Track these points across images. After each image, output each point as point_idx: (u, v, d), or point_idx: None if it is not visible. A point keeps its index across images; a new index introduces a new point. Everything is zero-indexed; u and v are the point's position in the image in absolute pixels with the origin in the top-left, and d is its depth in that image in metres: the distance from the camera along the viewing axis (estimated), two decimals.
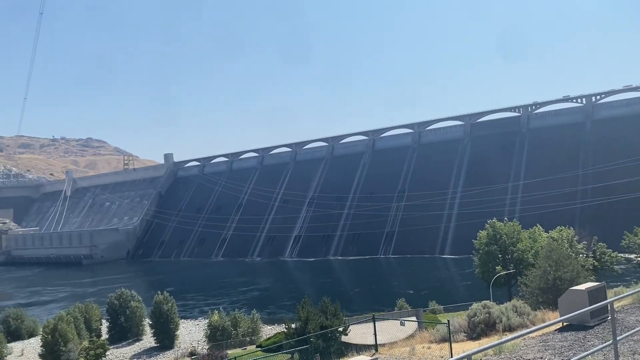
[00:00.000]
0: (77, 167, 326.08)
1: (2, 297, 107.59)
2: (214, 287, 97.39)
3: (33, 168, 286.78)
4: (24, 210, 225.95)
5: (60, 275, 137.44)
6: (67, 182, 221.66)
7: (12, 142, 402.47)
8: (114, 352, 52.97)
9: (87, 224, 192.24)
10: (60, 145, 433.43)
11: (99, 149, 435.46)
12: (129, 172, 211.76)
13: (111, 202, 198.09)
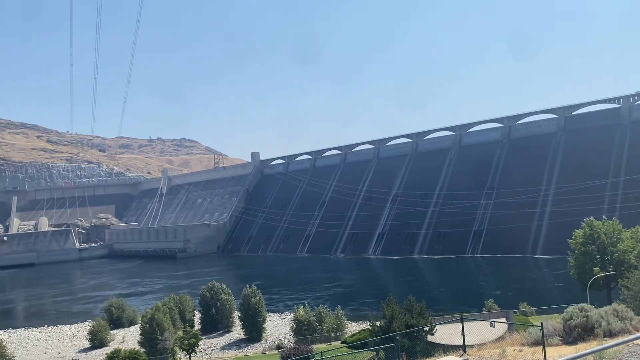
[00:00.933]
0: (171, 165, 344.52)
1: (105, 287, 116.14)
2: (298, 282, 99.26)
3: (132, 167, 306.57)
4: (124, 206, 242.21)
5: (157, 267, 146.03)
6: (162, 180, 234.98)
7: (114, 143, 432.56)
8: (205, 342, 55.41)
9: (181, 220, 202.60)
10: (157, 146, 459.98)
11: (191, 148, 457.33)
12: (219, 170, 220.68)
13: (203, 198, 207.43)
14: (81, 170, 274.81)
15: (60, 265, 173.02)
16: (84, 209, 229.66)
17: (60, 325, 74.66)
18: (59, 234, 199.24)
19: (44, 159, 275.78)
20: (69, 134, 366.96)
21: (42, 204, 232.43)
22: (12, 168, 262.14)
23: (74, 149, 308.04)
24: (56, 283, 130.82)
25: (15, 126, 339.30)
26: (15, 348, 59.02)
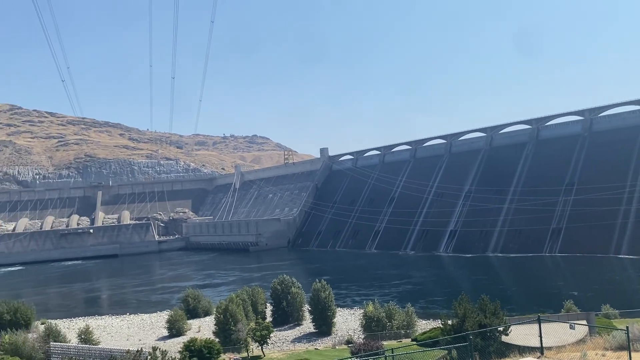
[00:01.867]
0: (244, 161, 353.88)
1: (182, 279, 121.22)
2: (367, 278, 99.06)
3: (207, 163, 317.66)
4: (200, 200, 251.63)
5: (230, 260, 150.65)
6: (236, 176, 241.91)
7: (190, 140, 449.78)
8: (277, 334, 56.52)
9: (253, 214, 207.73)
10: (230, 142, 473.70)
11: (262, 145, 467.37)
12: (288, 166, 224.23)
13: (273, 194, 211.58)
14: (160, 167, 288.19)
15: (141, 257, 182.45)
16: (162, 203, 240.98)
17: (141, 313, 78.58)
18: (140, 227, 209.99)
19: (126, 156, 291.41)
20: (148, 132, 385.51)
21: (125, 198, 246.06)
22: (98, 164, 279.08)
23: (154, 146, 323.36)
24: (137, 274, 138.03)
25: (100, 125, 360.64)
26: (100, 334, 62.83)
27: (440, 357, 29.17)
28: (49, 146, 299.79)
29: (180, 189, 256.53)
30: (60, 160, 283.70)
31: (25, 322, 65.01)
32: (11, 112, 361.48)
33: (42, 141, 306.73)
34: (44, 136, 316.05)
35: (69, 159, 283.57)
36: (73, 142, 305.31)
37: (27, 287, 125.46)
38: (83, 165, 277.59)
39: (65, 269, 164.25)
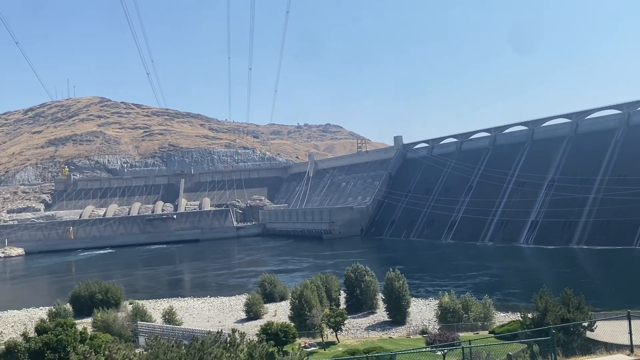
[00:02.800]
0: (317, 150, 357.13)
1: (259, 264, 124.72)
2: (442, 268, 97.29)
3: (282, 152, 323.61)
4: (275, 188, 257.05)
5: (304, 247, 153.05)
6: (309, 165, 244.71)
7: (266, 129, 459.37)
8: (351, 321, 56.92)
9: (327, 202, 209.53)
10: (304, 131, 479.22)
11: (336, 133, 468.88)
12: (361, 155, 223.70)
13: (346, 182, 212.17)
14: (238, 155, 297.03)
15: (220, 242, 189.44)
16: (240, 191, 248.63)
17: (221, 296, 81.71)
18: (220, 213, 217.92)
19: (206, 145, 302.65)
20: (227, 122, 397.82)
21: (205, 185, 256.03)
22: (180, 153, 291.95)
23: (232, 136, 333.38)
24: (217, 258, 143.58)
25: (182, 116, 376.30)
26: (183, 315, 66.06)
27: (519, 350, 28.25)
28: (135, 136, 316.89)
29: (256, 177, 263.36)
30: (145, 150, 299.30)
31: (115, 301, 69.59)
32: (101, 104, 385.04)
33: (129, 131, 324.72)
34: (131, 127, 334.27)
35: (154, 149, 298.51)
36: (157, 132, 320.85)
37: (117, 269, 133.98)
38: (167, 155, 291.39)
39: (151, 253, 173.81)
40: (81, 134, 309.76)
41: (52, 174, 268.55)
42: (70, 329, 34.46)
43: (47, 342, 32.28)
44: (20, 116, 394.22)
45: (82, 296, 71.41)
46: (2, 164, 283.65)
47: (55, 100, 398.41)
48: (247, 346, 24.91)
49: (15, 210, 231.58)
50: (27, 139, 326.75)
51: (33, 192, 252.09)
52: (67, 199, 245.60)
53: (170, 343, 23.97)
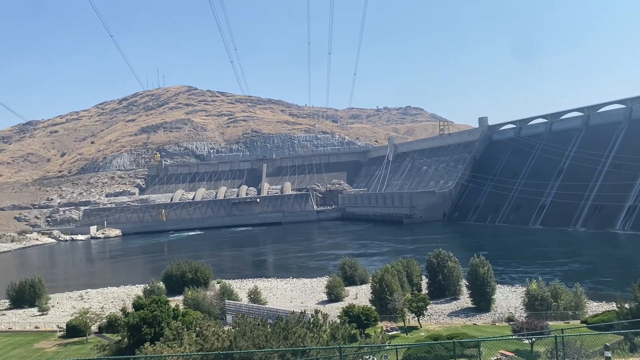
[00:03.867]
0: (397, 133, 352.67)
1: (338, 247, 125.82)
2: (529, 255, 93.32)
3: (361, 136, 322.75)
4: (354, 173, 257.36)
5: (384, 231, 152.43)
6: (389, 148, 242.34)
7: (345, 114, 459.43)
8: (433, 307, 56.18)
9: (407, 187, 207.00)
10: (383, 115, 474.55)
11: (416, 116, 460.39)
12: (444, 137, 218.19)
13: (428, 166, 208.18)
14: (317, 140, 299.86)
15: (301, 225, 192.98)
16: (320, 175, 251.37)
17: (302, 278, 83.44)
18: (300, 197, 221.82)
19: (286, 131, 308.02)
20: (307, 107, 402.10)
21: (286, 170, 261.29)
22: (262, 139, 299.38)
23: (311, 121, 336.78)
24: (298, 241, 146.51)
25: (264, 102, 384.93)
26: (267, 295, 68.20)
27: (616, 342, 26.61)
28: (220, 123, 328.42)
29: (335, 161, 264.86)
30: (230, 136, 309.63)
31: (204, 280, 73.12)
32: (189, 93, 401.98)
33: (215, 119, 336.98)
34: (216, 114, 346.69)
35: (238, 135, 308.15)
36: (241, 118, 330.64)
37: (205, 250, 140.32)
38: (250, 140, 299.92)
39: (236, 235, 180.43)
40: (171, 121, 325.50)
41: (145, 159, 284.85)
42: (164, 305, 36.63)
43: (143, 317, 34.53)
44: (115, 105, 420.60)
45: (174, 275, 75.61)
46: (100, 150, 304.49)
47: (147, 90, 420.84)
48: (329, 327, 25.30)
49: (113, 194, 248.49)
50: (122, 127, 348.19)
51: (128, 177, 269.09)
52: (159, 184, 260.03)
53: (256, 321, 24.85)
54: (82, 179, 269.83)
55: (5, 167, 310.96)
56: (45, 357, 43.05)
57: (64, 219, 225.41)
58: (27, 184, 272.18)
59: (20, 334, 53.68)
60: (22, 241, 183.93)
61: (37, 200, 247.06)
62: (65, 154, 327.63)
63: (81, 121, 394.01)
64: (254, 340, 22.21)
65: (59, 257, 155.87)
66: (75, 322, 50.33)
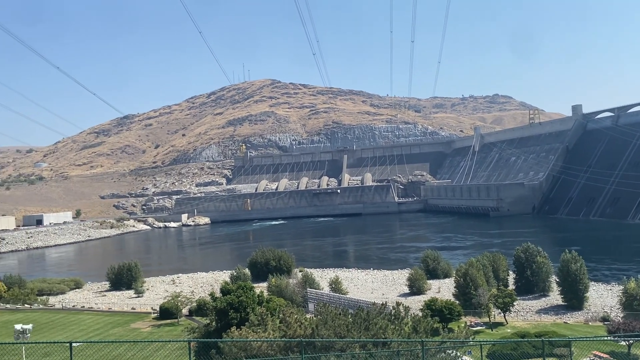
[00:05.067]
0: (484, 123, 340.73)
1: (420, 239, 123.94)
2: (626, 251, 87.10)
3: (445, 126, 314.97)
4: (437, 164, 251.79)
5: (468, 224, 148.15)
6: (475, 138, 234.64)
7: (428, 103, 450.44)
8: (520, 303, 54.04)
9: (493, 179, 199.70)
10: (469, 103, 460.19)
11: (504, 104, 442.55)
12: (534, 127, 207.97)
13: (516, 157, 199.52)
14: (399, 131, 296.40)
15: (382, 216, 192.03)
16: (401, 166, 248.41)
17: (383, 269, 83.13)
18: (381, 188, 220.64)
19: (367, 121, 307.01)
20: (388, 97, 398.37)
21: (367, 161, 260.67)
22: (343, 130, 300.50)
23: (393, 111, 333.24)
24: (378, 232, 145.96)
25: (344, 93, 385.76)
26: (348, 285, 68.63)
27: None
28: (302, 115, 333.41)
29: (418, 152, 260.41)
30: (312, 128, 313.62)
31: (287, 268, 74.84)
32: (272, 86, 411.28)
33: (297, 111, 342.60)
34: (298, 106, 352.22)
35: (319, 126, 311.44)
36: (322, 110, 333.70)
37: (287, 239, 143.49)
38: (331, 132, 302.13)
39: (317, 225, 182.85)
40: (255, 114, 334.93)
41: (232, 151, 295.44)
42: (249, 291, 37.89)
43: (230, 302, 35.92)
44: (204, 99, 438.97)
45: (259, 262, 78.03)
46: (191, 142, 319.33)
47: (233, 84, 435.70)
48: (411, 320, 25.06)
49: (202, 184, 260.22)
50: (210, 120, 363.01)
51: (216, 168, 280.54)
52: (244, 174, 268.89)
53: (337, 311, 25.11)
54: (174, 170, 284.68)
55: (105, 158, 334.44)
56: (140, 337, 46.04)
57: (158, 207, 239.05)
58: (124, 174, 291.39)
59: (118, 314, 57.71)
60: (120, 227, 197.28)
61: (133, 189, 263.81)
62: (159, 146, 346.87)
63: (173, 115, 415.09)
64: (336, 329, 22.46)
65: (153, 243, 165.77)
66: (168, 305, 53.32)
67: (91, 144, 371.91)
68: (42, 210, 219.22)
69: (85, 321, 53.25)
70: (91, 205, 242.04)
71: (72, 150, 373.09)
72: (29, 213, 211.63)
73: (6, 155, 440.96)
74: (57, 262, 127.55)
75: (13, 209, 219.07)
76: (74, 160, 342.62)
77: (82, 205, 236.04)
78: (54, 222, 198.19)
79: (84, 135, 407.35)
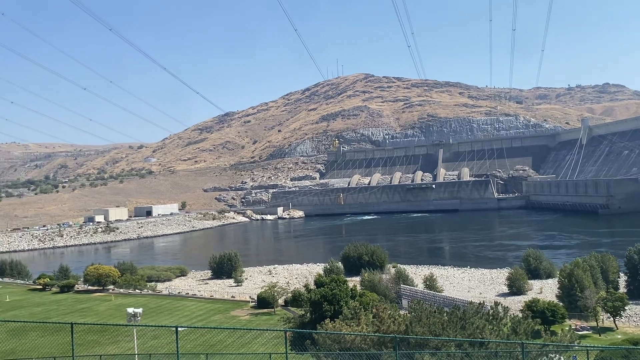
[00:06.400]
0: (592, 114, 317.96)
1: (520, 238, 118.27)
2: None
3: (549, 118, 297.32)
4: (541, 158, 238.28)
5: (574, 222, 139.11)
6: (582, 131, 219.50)
7: (530, 94, 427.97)
8: (632, 307, 49.99)
9: (603, 174, 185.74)
10: (576, 94, 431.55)
11: (615, 94, 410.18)
12: None
13: (629, 150, 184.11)
14: (499, 123, 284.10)
15: (479, 213, 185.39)
16: (501, 161, 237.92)
17: (481, 268, 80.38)
18: (479, 183, 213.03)
19: (465, 114, 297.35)
20: (487, 88, 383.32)
21: (464, 155, 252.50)
22: (439, 123, 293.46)
23: (492, 103, 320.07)
24: (476, 229, 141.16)
25: (440, 85, 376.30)
26: (443, 283, 67.18)
27: None
28: (396, 109, 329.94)
29: (519, 145, 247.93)
30: (405, 121, 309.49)
31: (379, 263, 74.69)
32: (365, 80, 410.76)
33: (390, 104, 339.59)
34: (392, 100, 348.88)
35: (413, 120, 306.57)
36: (417, 103, 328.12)
37: (380, 234, 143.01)
38: (425, 125, 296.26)
39: (410, 220, 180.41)
40: (348, 109, 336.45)
41: (325, 146, 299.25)
42: (342, 285, 38.29)
43: (324, 295, 36.52)
44: (299, 96, 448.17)
45: (351, 256, 78.57)
46: (286, 138, 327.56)
47: (327, 80, 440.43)
48: (510, 321, 24.06)
49: (296, 179, 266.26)
50: (304, 115, 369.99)
51: (310, 163, 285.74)
52: (337, 169, 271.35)
53: (432, 308, 24.66)
54: (271, 164, 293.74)
55: (208, 153, 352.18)
56: (240, 325, 48.10)
57: (255, 200, 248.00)
58: (225, 169, 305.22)
59: (219, 301, 60.68)
60: (221, 219, 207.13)
61: (233, 183, 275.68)
62: (257, 142, 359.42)
63: (269, 111, 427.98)
64: (430, 327, 22.07)
65: (251, 235, 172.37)
66: (265, 295, 55.23)
67: (195, 140, 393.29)
68: (151, 202, 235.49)
69: (189, 307, 56.53)
70: (195, 197, 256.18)
71: (178, 146, 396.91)
72: (140, 205, 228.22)
73: (120, 151, 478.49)
74: (164, 251, 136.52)
75: (126, 200, 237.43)
76: (179, 155, 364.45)
77: (186, 198, 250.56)
78: (162, 213, 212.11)
79: (188, 132, 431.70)
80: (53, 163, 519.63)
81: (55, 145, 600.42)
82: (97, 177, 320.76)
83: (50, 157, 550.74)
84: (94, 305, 58.36)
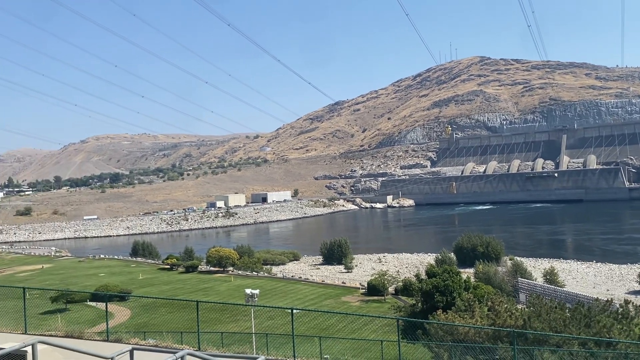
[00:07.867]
0: None
1: None
2: None
3: None
4: None
5: None
6: None
7: None
8: None
9: None
10: None
11: None
12: None
13: None
14: (631, 106, 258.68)
15: (607, 204, 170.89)
16: (634, 147, 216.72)
17: (608, 263, 74.43)
18: (607, 172, 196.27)
19: (591, 97, 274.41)
20: (618, 68, 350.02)
21: (590, 141, 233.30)
22: (562, 107, 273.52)
23: (624, 84, 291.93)
24: (603, 221, 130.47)
25: (564, 66, 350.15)
26: (565, 277, 63.10)
27: None
28: (514, 92, 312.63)
29: None
30: (525, 106, 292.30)
31: (495, 255, 71.76)
32: (481, 63, 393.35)
33: (508, 88, 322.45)
34: (510, 83, 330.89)
35: (534, 104, 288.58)
36: (537, 86, 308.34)
37: (495, 225, 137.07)
38: (547, 109, 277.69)
39: (529, 211, 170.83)
40: (462, 94, 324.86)
41: (437, 133, 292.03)
42: (455, 276, 37.36)
43: (435, 285, 35.90)
44: (409, 82, 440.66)
45: (465, 247, 76.29)
46: (396, 126, 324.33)
47: (439, 65, 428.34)
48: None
49: (406, 167, 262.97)
50: (415, 102, 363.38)
51: (420, 151, 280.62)
52: (449, 157, 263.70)
53: (552, 304, 23.32)
54: (380, 153, 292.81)
55: (318, 142, 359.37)
56: (350, 310, 48.85)
57: (365, 188, 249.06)
58: (335, 157, 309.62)
59: (330, 286, 62.02)
60: (331, 206, 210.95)
61: (342, 171, 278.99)
62: (366, 130, 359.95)
63: (379, 99, 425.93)
64: (550, 323, 20.89)
65: (360, 222, 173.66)
66: (375, 282, 55.49)
67: (306, 130, 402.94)
68: (266, 189, 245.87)
69: (302, 291, 58.44)
70: (307, 185, 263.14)
71: (291, 136, 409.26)
72: (256, 191, 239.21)
73: (238, 141, 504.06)
74: (278, 236, 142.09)
75: (243, 187, 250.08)
76: (292, 144, 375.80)
77: (299, 185, 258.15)
78: (276, 200, 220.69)
79: (300, 122, 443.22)
80: (179, 152, 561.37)
81: (180, 136, 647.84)
82: (218, 165, 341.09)
83: (176, 147, 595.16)
84: (216, 285, 62.36)
